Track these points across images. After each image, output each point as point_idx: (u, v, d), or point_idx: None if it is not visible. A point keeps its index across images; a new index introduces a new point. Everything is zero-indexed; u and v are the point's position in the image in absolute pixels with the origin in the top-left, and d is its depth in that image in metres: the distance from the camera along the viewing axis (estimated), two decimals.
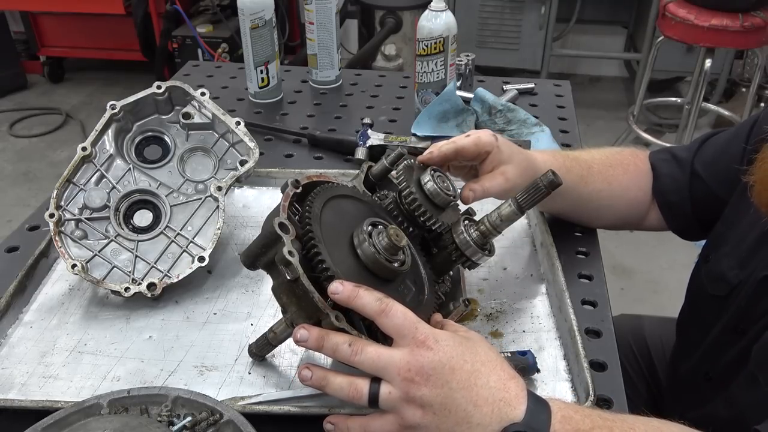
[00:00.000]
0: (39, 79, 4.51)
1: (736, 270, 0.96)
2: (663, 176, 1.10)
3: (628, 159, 1.11)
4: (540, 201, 0.81)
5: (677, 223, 1.12)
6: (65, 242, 0.96)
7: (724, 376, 0.97)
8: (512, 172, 0.92)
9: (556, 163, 1.00)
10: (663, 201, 1.10)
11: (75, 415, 0.70)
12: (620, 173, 1.09)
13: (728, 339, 0.97)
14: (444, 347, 0.66)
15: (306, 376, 0.71)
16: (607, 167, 1.08)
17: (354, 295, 0.68)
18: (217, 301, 0.98)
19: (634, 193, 1.10)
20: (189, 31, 3.40)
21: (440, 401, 0.65)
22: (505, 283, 1.01)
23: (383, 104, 1.59)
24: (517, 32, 4.13)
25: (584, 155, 1.08)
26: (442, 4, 1.37)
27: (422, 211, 0.83)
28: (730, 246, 0.99)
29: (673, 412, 0.75)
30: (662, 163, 1.11)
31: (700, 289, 1.05)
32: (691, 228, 1.11)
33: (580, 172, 1.03)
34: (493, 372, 0.67)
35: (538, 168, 0.96)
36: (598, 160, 1.08)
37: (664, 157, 1.12)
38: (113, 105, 1.02)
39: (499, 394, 0.66)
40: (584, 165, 1.05)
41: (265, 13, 1.48)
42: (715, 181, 1.04)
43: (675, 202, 1.09)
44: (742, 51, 3.78)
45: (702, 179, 1.06)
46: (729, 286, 0.96)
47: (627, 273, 2.85)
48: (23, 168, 3.65)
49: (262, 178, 1.22)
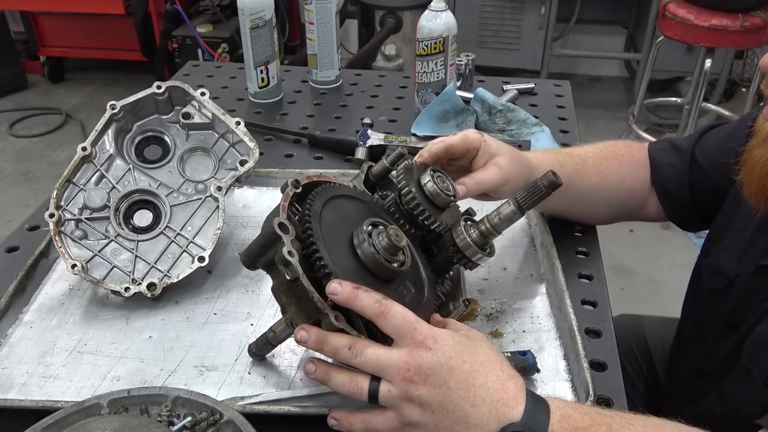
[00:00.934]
0: (39, 79, 4.51)
1: (734, 263, 0.96)
2: (662, 165, 1.09)
3: (622, 150, 1.11)
4: (540, 201, 0.81)
5: (676, 212, 1.11)
6: (65, 242, 0.96)
7: (717, 371, 0.97)
8: (504, 162, 0.92)
9: (548, 160, 1.00)
10: (662, 190, 1.10)
11: (75, 415, 0.70)
12: (615, 165, 1.08)
13: (723, 333, 0.97)
14: (443, 347, 0.67)
15: (310, 370, 0.72)
16: (602, 160, 1.07)
17: (353, 297, 0.68)
18: (217, 301, 0.98)
19: (630, 183, 1.09)
20: (189, 31, 3.40)
21: (438, 401, 0.66)
22: (505, 283, 1.01)
23: (383, 104, 1.59)
24: (517, 32, 4.13)
25: (577, 150, 1.08)
26: (442, 4, 1.37)
27: (421, 210, 0.83)
28: (729, 240, 0.99)
29: (671, 410, 0.75)
30: (661, 153, 1.11)
31: (700, 284, 1.05)
32: (690, 218, 1.11)
33: (574, 166, 1.03)
34: (492, 372, 0.67)
35: (529, 162, 0.96)
36: (592, 154, 1.07)
37: (663, 147, 1.11)
38: (113, 105, 1.02)
39: (497, 394, 0.66)
40: (578, 159, 1.05)
41: (265, 13, 1.48)
42: (714, 171, 1.04)
43: (674, 191, 1.09)
44: (742, 51, 3.78)
45: (702, 168, 1.06)
46: (726, 279, 0.97)
47: (627, 273, 2.85)
48: (23, 168, 3.65)
49: (262, 178, 1.22)
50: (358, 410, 0.72)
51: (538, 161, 0.99)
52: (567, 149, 1.07)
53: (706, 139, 1.08)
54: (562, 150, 1.06)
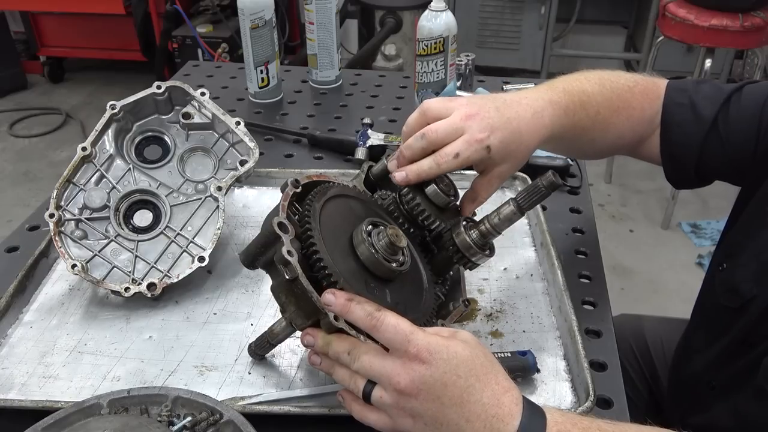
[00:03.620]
0: (39, 79, 4.51)
1: (751, 284, 0.91)
2: (674, 126, 1.02)
3: (637, 101, 1.02)
4: (540, 202, 0.81)
5: (675, 173, 1.06)
6: (65, 242, 0.96)
7: (728, 386, 0.95)
8: (508, 172, 0.89)
9: (560, 113, 0.92)
10: (668, 152, 1.04)
11: (75, 415, 0.70)
12: (623, 120, 1.01)
13: (736, 350, 0.94)
14: (437, 361, 0.65)
15: (315, 362, 0.73)
16: (612, 113, 1.00)
17: (346, 309, 0.68)
18: (217, 301, 0.98)
19: (629, 139, 1.05)
20: (189, 31, 3.40)
21: (431, 414, 0.66)
22: (505, 283, 1.01)
23: (383, 104, 1.59)
24: (517, 32, 4.13)
25: (596, 98, 0.98)
26: (442, 4, 1.37)
27: (420, 210, 0.83)
28: (746, 257, 0.94)
29: (674, 416, 0.75)
30: (677, 110, 1.02)
31: (712, 297, 1.01)
32: (687, 179, 1.06)
33: (584, 123, 0.96)
34: (487, 387, 0.66)
35: (531, 133, 0.89)
36: (606, 105, 0.99)
37: (681, 101, 1.02)
38: (113, 105, 1.02)
39: (492, 410, 0.65)
40: (591, 112, 0.97)
41: (265, 13, 1.48)
42: (735, 144, 0.97)
43: (680, 155, 1.03)
44: (742, 51, 3.78)
45: (721, 139, 0.98)
46: (742, 300, 0.92)
47: (627, 273, 2.85)
48: (23, 168, 3.65)
49: (262, 178, 1.22)
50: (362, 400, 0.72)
51: (545, 137, 0.91)
52: (583, 97, 0.97)
53: (738, 99, 0.99)
54: (579, 99, 0.96)
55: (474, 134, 0.82)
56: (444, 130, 0.83)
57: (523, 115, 0.87)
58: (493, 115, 0.85)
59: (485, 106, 0.86)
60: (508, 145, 0.85)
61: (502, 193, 1.19)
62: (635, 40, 4.16)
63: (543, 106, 0.90)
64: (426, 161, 0.82)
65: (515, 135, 0.86)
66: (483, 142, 0.83)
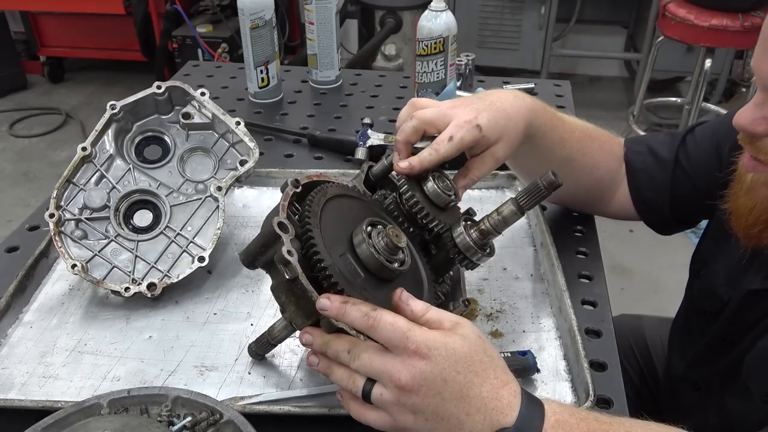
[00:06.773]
0: (39, 79, 4.51)
1: (726, 287, 0.96)
2: (639, 171, 1.07)
3: (604, 137, 1.08)
4: (540, 201, 0.81)
5: (653, 219, 1.09)
6: (65, 242, 0.96)
7: (714, 385, 0.97)
8: (502, 152, 0.89)
9: (542, 118, 0.95)
10: (638, 197, 1.07)
11: (75, 415, 0.70)
12: (596, 147, 1.05)
13: (717, 349, 0.97)
14: (436, 356, 0.66)
15: (313, 362, 0.73)
16: (587, 137, 1.04)
17: (341, 313, 0.68)
18: (217, 301, 0.98)
19: (603, 172, 1.07)
20: (189, 31, 3.40)
21: (432, 410, 0.66)
22: (505, 283, 1.01)
23: (383, 104, 1.59)
24: (517, 32, 4.13)
25: (569, 119, 1.03)
26: (442, 4, 1.37)
27: (420, 208, 0.83)
28: (719, 263, 0.98)
29: (671, 416, 0.75)
30: (637, 157, 1.08)
31: (694, 303, 1.05)
32: (667, 224, 1.09)
33: (562, 134, 0.99)
34: (486, 382, 0.67)
35: (523, 118, 0.91)
36: (580, 128, 1.04)
37: (640, 150, 1.08)
38: (113, 105, 1.02)
39: (491, 403, 0.66)
40: (568, 128, 1.01)
41: (265, 13, 1.48)
42: (700, 175, 1.01)
43: (652, 200, 1.07)
44: (742, 51, 3.78)
45: (687, 174, 1.03)
46: (720, 303, 0.97)
47: (627, 273, 2.85)
48: (23, 168, 3.65)
49: (262, 178, 1.22)
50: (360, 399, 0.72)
51: (530, 121, 0.93)
52: (560, 114, 1.02)
53: (693, 138, 1.04)
54: (557, 113, 1.01)
55: (462, 117, 0.86)
56: (432, 112, 0.87)
57: (504, 97, 0.92)
58: (476, 101, 0.89)
59: (468, 98, 0.91)
60: (498, 122, 0.88)
61: (502, 193, 1.20)
62: (635, 40, 4.16)
63: (522, 95, 0.94)
64: (425, 150, 0.85)
65: (501, 112, 0.89)
66: (472, 122, 0.85)
